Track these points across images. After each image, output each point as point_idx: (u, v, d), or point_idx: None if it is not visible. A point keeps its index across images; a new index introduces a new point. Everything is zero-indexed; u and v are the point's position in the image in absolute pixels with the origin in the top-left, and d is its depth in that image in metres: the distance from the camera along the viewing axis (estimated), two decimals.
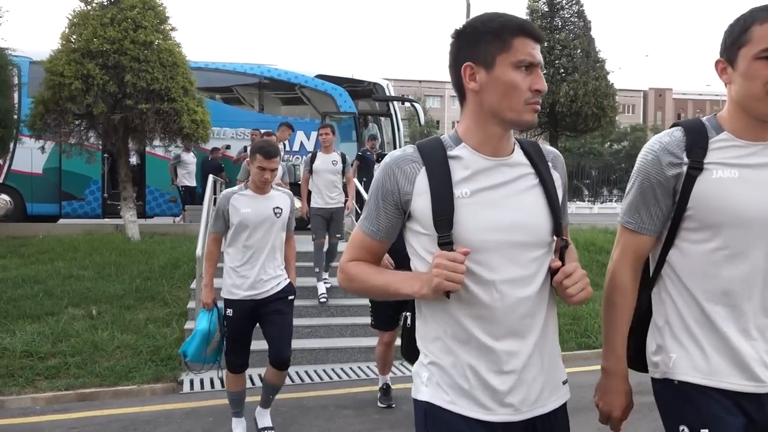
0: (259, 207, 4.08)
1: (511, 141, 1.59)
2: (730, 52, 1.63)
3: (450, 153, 1.54)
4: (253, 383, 5.81)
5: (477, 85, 1.51)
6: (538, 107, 1.52)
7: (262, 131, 10.99)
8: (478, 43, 1.51)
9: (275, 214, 4.11)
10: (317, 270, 7.33)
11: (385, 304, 4.58)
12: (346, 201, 7.53)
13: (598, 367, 1.91)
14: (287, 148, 12.22)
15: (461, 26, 1.57)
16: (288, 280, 4.24)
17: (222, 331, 4.21)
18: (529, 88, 1.47)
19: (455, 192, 1.49)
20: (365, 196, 9.08)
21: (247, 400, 4.57)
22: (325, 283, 7.29)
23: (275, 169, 4.03)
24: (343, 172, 7.38)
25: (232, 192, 4.13)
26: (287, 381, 5.85)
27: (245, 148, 9.68)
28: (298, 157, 13.02)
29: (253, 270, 4.05)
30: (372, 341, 6.68)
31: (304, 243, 7.46)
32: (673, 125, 1.73)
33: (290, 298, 4.21)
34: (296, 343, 6.47)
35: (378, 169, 1.61)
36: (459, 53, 1.54)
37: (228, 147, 12.56)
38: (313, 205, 7.29)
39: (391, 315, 4.76)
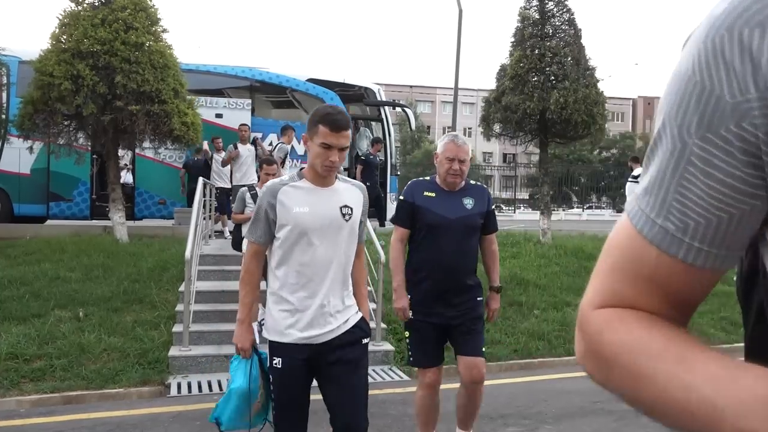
0: (321, 204, 2.73)
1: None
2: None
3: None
4: None
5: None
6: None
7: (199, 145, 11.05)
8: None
9: (343, 215, 2.76)
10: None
11: (429, 326, 3.63)
12: None
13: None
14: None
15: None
16: (360, 315, 2.90)
17: (268, 387, 3.00)
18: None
19: None
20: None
21: None
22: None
23: (345, 149, 2.70)
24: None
25: (281, 183, 2.76)
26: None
27: (235, 145, 9.61)
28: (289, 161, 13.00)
29: (313, 300, 2.72)
30: None
31: None
32: None
33: (365, 341, 2.89)
34: None
35: None
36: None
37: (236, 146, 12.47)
38: None
39: (437, 342, 3.72)
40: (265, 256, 2.89)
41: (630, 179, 13.85)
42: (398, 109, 16.39)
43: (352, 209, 2.78)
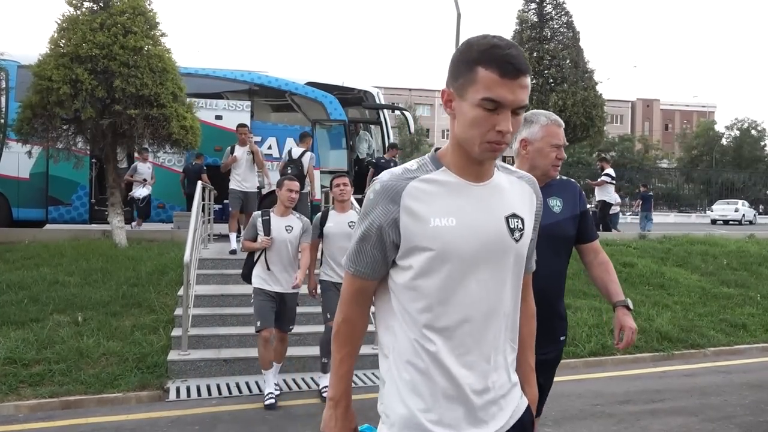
0: (478, 213, 1.55)
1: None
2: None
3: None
4: (290, 388, 5.78)
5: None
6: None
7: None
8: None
9: (511, 231, 1.57)
10: (324, 361, 5.55)
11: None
12: None
13: (586, 376, 1.92)
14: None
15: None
16: (523, 396, 1.73)
17: None
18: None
19: None
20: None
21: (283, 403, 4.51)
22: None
23: (523, 109, 1.49)
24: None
25: (405, 175, 1.55)
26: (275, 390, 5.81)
27: (232, 149, 9.56)
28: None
29: (471, 374, 1.54)
30: (360, 349, 6.66)
31: None
32: None
33: None
34: None
35: None
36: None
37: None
38: (324, 278, 5.63)
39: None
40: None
41: (605, 177, 15.14)
42: (397, 112, 16.40)
43: (523, 222, 1.60)
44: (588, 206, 2.83)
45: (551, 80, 14.59)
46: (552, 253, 2.58)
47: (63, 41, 9.41)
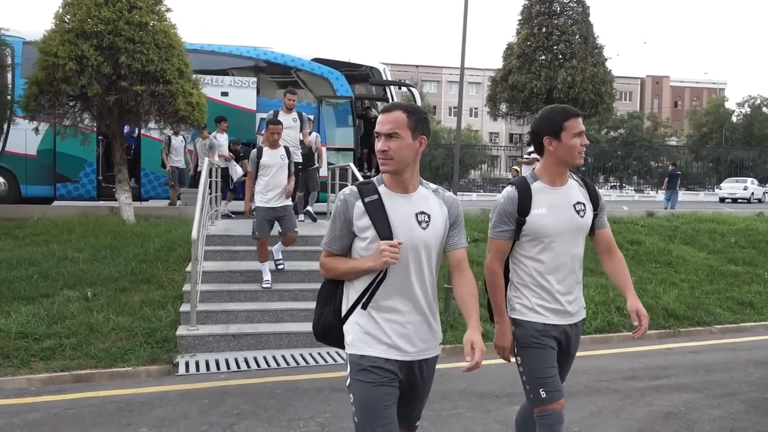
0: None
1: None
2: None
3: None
4: (297, 363, 5.84)
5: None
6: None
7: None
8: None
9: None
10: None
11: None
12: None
13: (592, 352, 1.93)
14: None
15: None
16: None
17: None
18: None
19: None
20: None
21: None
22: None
23: None
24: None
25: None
26: (282, 364, 5.89)
27: (258, 152, 7.17)
28: None
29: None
30: None
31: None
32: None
33: None
34: (291, 327, 6.52)
35: None
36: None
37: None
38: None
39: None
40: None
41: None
42: (404, 89, 16.27)
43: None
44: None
45: (560, 56, 14.40)
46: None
47: (68, 17, 9.37)
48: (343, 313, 2.43)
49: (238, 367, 5.80)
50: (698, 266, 9.88)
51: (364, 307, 2.36)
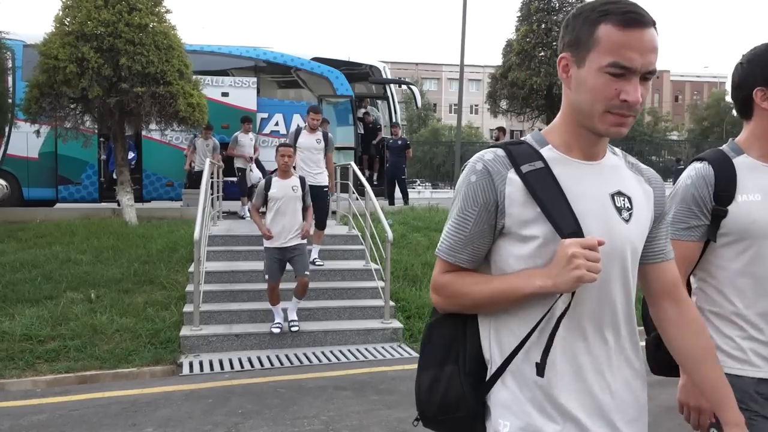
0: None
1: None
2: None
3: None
4: (301, 362, 5.86)
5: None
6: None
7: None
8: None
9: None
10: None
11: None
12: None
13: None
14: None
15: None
16: None
17: None
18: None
19: None
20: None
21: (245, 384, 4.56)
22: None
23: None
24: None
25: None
26: (286, 363, 5.92)
27: (267, 183, 6.42)
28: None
29: None
30: (370, 323, 6.75)
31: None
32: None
33: None
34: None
35: None
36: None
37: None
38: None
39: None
40: None
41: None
42: (404, 87, 16.30)
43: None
44: None
45: None
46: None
47: (68, 19, 9.38)
48: (489, 375, 1.36)
49: (242, 366, 5.83)
50: None
51: (541, 373, 1.28)
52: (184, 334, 6.18)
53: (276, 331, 6.35)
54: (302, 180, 6.39)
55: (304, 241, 6.33)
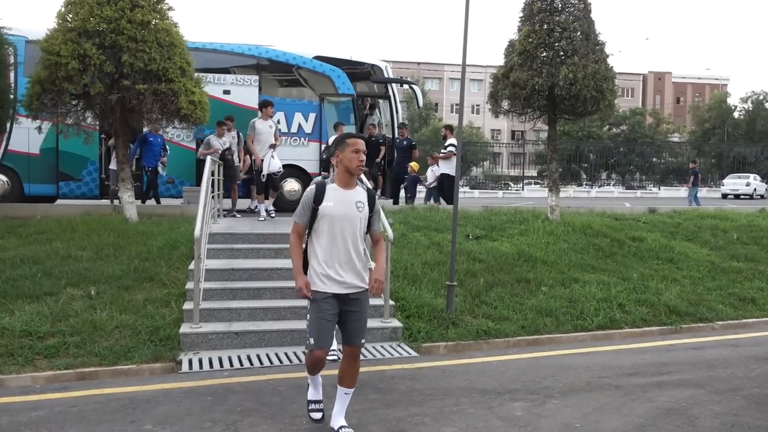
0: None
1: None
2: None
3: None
4: (300, 361, 5.87)
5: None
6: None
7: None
8: None
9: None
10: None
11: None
12: None
13: (594, 349, 1.93)
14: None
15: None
16: None
17: None
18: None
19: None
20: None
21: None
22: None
23: None
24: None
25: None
26: (285, 361, 5.92)
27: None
28: (296, 139, 13.01)
29: None
30: (369, 322, 6.72)
31: None
32: None
33: None
34: (293, 324, 6.54)
35: None
36: None
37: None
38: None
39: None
40: None
41: (451, 148, 13.20)
42: (406, 86, 16.27)
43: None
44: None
45: (561, 53, 14.34)
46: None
47: (70, 16, 9.37)
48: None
49: (242, 364, 5.83)
50: (700, 263, 9.88)
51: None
52: (183, 331, 6.18)
53: (317, 416, 4.42)
54: (370, 194, 4.23)
55: (366, 286, 4.19)
